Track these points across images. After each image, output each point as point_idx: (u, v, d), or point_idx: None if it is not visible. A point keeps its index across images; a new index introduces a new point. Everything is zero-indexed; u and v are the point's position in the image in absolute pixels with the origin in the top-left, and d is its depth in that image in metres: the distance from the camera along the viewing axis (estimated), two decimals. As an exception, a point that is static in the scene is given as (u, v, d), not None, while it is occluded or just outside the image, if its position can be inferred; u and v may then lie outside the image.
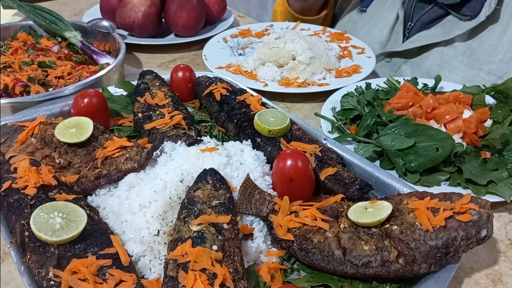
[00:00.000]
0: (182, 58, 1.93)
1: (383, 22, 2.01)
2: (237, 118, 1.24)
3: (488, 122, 1.31)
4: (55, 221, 0.85)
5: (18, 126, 1.15)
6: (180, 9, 1.94)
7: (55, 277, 0.78)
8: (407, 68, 1.92)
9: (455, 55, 1.78)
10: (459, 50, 1.78)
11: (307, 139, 1.15)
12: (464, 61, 1.76)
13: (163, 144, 1.11)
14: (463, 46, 1.77)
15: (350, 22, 2.15)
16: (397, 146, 1.18)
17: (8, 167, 1.01)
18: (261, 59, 1.72)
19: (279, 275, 0.89)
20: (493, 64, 1.70)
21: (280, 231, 0.92)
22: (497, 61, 1.69)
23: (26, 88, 1.44)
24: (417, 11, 1.89)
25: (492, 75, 1.69)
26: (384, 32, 2.00)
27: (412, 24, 1.90)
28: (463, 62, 1.76)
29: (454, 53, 1.79)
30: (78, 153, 1.09)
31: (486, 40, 1.72)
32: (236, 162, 1.06)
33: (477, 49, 1.74)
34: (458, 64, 1.77)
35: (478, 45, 1.74)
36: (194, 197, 0.91)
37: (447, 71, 1.79)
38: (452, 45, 1.80)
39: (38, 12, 1.86)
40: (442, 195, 0.90)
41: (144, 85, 1.37)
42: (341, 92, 1.50)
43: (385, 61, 1.99)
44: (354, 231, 0.88)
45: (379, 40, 2.00)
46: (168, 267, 0.80)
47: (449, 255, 0.84)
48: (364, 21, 2.09)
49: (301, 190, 0.99)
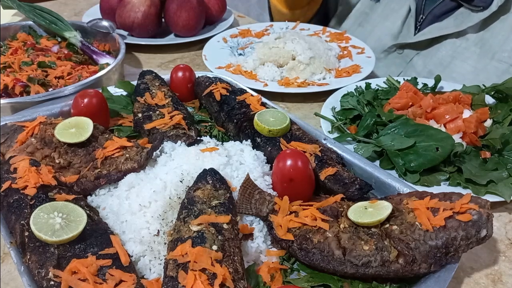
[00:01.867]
0: (182, 58, 1.93)
1: (395, 15, 2.01)
2: (237, 118, 1.24)
3: (488, 122, 1.31)
4: (55, 221, 0.85)
5: (18, 126, 1.15)
6: (180, 9, 1.93)
7: (55, 277, 0.78)
8: (419, 59, 1.93)
9: (467, 47, 1.79)
10: (471, 41, 1.79)
11: (307, 139, 1.15)
12: (477, 52, 1.77)
13: (163, 144, 1.11)
14: (475, 37, 1.78)
15: (363, 14, 2.16)
16: (397, 146, 1.18)
17: (8, 167, 1.01)
18: (261, 59, 1.72)
19: (279, 275, 0.89)
20: (505, 52, 1.70)
21: (280, 231, 0.92)
22: (509, 49, 1.70)
23: (26, 88, 1.44)
24: (429, 4, 1.90)
25: (504, 63, 1.71)
26: (396, 25, 2.00)
27: (424, 17, 1.91)
28: (475, 52, 1.77)
29: (466, 45, 1.79)
30: (78, 153, 1.09)
31: (499, 30, 1.73)
32: (236, 162, 1.06)
33: (490, 39, 1.75)
34: (471, 54, 1.78)
35: (490, 35, 1.75)
36: (194, 197, 0.91)
37: (460, 61, 1.80)
38: (464, 36, 1.80)
39: (38, 12, 1.86)
40: (442, 195, 0.90)
41: (144, 85, 1.37)
42: (341, 92, 1.50)
43: (397, 52, 1.99)
44: (354, 231, 0.88)
45: (391, 32, 2.00)
46: (168, 267, 0.80)
47: (449, 255, 0.84)
48: (376, 14, 2.10)
49: (301, 190, 0.99)
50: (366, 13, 2.15)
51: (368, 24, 2.10)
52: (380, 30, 2.02)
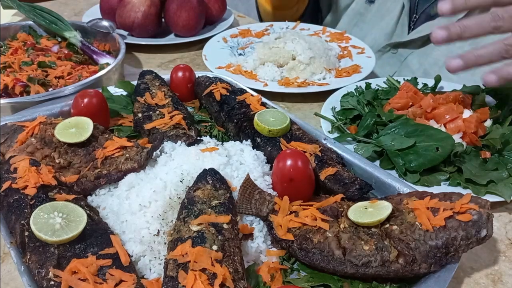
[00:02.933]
0: (182, 58, 1.93)
1: (390, 15, 2.01)
2: (237, 118, 1.24)
3: (488, 122, 1.31)
4: (55, 221, 0.85)
5: (18, 126, 1.15)
6: (180, 9, 1.93)
7: (55, 277, 0.78)
8: (413, 58, 1.92)
9: (462, 45, 1.78)
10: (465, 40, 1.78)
11: (307, 139, 1.15)
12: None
13: (163, 144, 1.11)
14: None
15: (358, 14, 2.16)
16: (397, 146, 1.18)
17: (8, 167, 1.01)
18: (261, 59, 1.72)
19: (279, 275, 0.89)
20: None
21: (280, 231, 0.92)
22: None
23: (26, 88, 1.44)
24: (422, 3, 1.90)
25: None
26: (390, 24, 2.00)
27: (417, 16, 1.91)
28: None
29: (460, 44, 1.78)
30: (78, 153, 1.09)
31: None
32: (236, 162, 1.06)
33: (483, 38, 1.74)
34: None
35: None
36: (194, 197, 0.91)
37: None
38: None
39: (38, 12, 1.86)
40: (442, 195, 0.90)
41: (144, 85, 1.37)
42: (341, 92, 1.50)
43: (391, 52, 1.99)
44: (354, 231, 0.88)
45: (385, 32, 2.01)
46: (168, 267, 0.80)
47: (449, 255, 0.84)
48: (371, 14, 2.09)
49: (301, 190, 0.99)
50: (361, 13, 2.14)
51: (363, 24, 2.10)
52: (375, 31, 2.02)
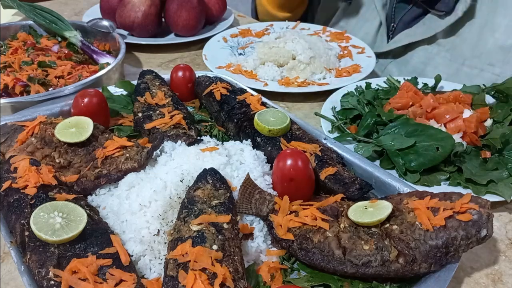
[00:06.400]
0: (182, 58, 1.93)
1: (368, 25, 2.05)
2: (237, 118, 1.24)
3: (488, 121, 1.31)
4: (55, 220, 0.85)
5: (18, 126, 1.15)
6: (180, 9, 1.93)
7: (55, 276, 0.78)
8: (393, 67, 1.96)
9: (439, 52, 1.83)
10: (442, 46, 1.83)
11: (307, 139, 1.15)
12: (448, 57, 1.81)
13: (163, 144, 1.11)
14: (446, 42, 1.82)
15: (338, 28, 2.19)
16: (397, 146, 1.18)
17: (8, 167, 1.01)
18: (261, 59, 1.72)
19: (279, 274, 0.89)
20: (475, 58, 1.74)
21: (280, 230, 0.92)
22: (479, 55, 1.73)
23: (26, 88, 1.44)
24: (399, 12, 1.94)
25: (474, 68, 1.73)
26: (370, 34, 2.04)
27: (395, 25, 1.95)
28: (446, 58, 1.81)
29: (438, 50, 1.84)
30: (78, 152, 1.09)
31: (467, 35, 1.77)
32: (236, 162, 1.06)
33: (460, 44, 1.79)
34: (442, 60, 1.82)
35: (460, 41, 1.79)
36: (194, 196, 0.92)
37: (432, 67, 1.84)
38: (436, 42, 1.84)
39: (38, 12, 1.86)
40: (442, 195, 0.90)
41: (144, 84, 1.37)
42: (341, 92, 1.50)
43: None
44: (354, 231, 0.88)
45: (366, 42, 2.03)
46: (168, 267, 0.80)
47: (449, 255, 0.84)
48: (351, 26, 2.13)
49: (301, 190, 0.99)
50: (341, 26, 2.18)
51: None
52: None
